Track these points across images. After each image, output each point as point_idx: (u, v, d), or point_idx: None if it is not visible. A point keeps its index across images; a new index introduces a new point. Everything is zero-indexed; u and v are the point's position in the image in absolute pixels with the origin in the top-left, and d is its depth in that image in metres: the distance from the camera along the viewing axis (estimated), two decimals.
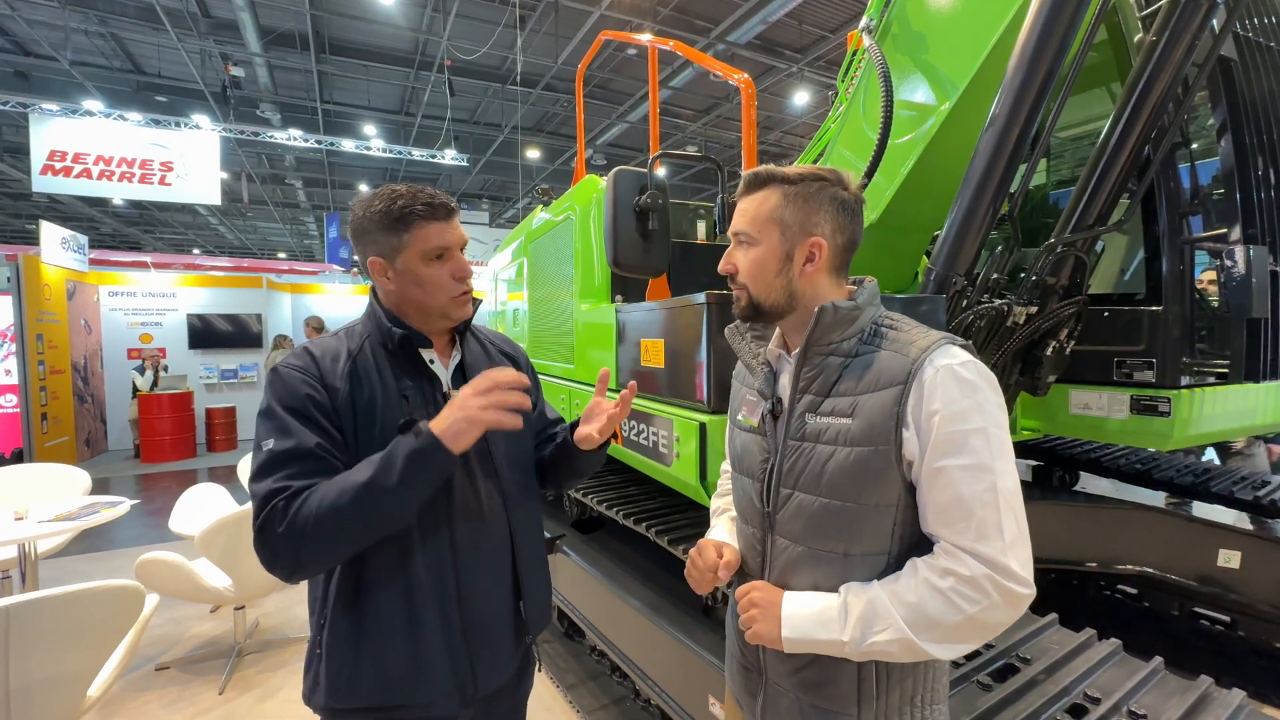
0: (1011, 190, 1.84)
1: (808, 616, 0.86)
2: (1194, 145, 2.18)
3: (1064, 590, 2.73)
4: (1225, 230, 1.97)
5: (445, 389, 1.12)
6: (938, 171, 2.06)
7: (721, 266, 1.01)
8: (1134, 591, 2.61)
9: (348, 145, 10.74)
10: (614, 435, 1.23)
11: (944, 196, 2.18)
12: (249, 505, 2.73)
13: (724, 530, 1.11)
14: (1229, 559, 2.23)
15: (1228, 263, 1.89)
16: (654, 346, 1.81)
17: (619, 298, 2.44)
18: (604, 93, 11.73)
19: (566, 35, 9.50)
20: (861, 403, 0.87)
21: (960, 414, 0.80)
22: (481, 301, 1.19)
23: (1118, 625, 1.66)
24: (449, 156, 10.97)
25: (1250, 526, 2.31)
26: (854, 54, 2.48)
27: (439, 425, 0.93)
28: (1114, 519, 2.43)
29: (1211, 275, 2.09)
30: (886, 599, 0.82)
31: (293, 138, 10.24)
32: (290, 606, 3.50)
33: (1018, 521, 0.79)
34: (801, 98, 11.55)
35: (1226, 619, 2.36)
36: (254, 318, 9.13)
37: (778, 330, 1.03)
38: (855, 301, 0.91)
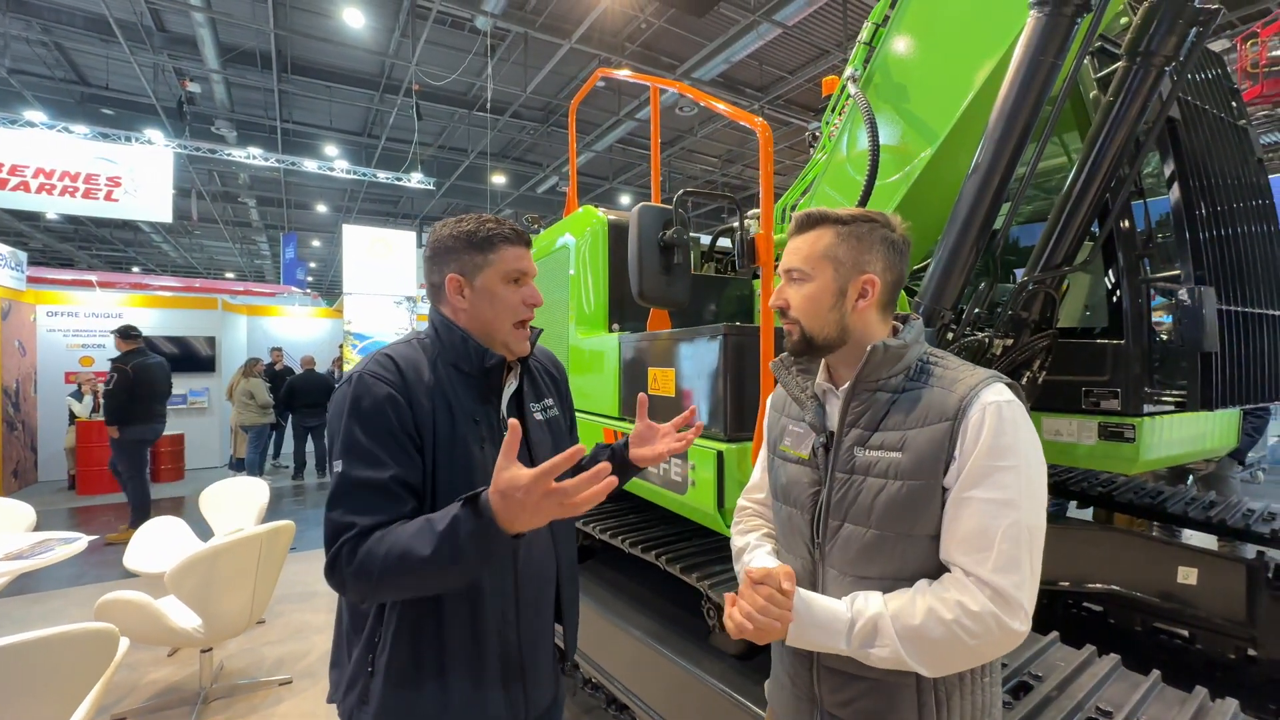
0: (995, 228, 1.98)
1: (815, 626, 0.88)
2: (1147, 195, 2.39)
3: (1035, 609, 2.85)
4: (1179, 272, 2.16)
5: (502, 415, 1.14)
6: (920, 210, 2.19)
7: (772, 302, 1.04)
8: (1099, 609, 2.75)
9: (310, 166, 10.51)
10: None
11: (926, 233, 2.32)
12: (220, 540, 2.59)
13: (767, 559, 1.07)
14: (1187, 576, 2.39)
15: (1182, 301, 2.08)
16: (664, 375, 1.85)
17: (615, 326, 2.47)
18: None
19: (536, 65, 9.66)
20: (911, 437, 0.90)
21: (999, 449, 0.84)
22: (541, 332, 1.22)
23: (1086, 641, 1.76)
24: (415, 180, 10.87)
25: (1207, 545, 2.49)
26: (838, 97, 2.62)
27: (503, 512, 0.84)
28: (1085, 539, 2.57)
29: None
30: (888, 621, 0.85)
31: (252, 156, 9.96)
32: (257, 647, 3.31)
33: (1033, 560, 0.83)
34: None
35: (1185, 633, 2.51)
36: (205, 340, 8.71)
37: (823, 364, 1.06)
38: (904, 340, 0.96)
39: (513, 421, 0.86)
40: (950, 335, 2.09)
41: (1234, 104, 2.55)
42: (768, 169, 1.54)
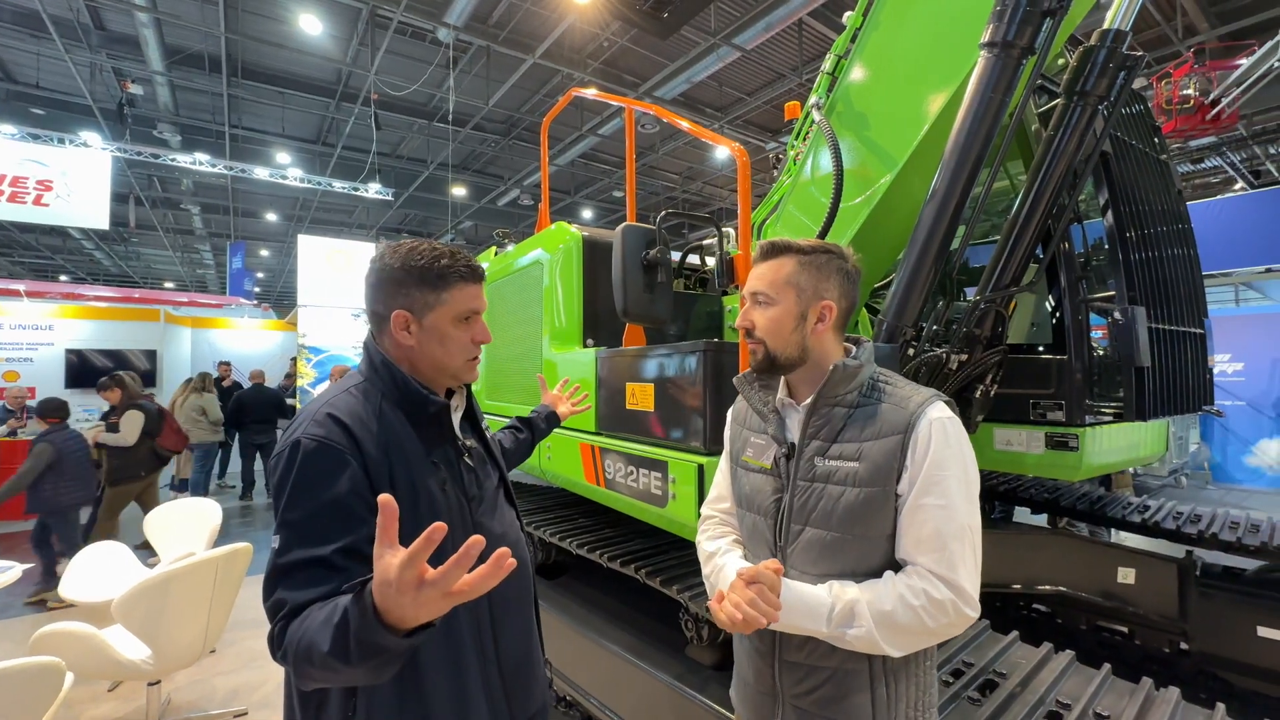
0: (951, 249, 2.10)
1: (800, 611, 0.97)
2: (1080, 220, 2.59)
3: (988, 611, 2.99)
4: (1113, 293, 2.34)
5: (460, 444, 1.12)
6: (882, 232, 2.31)
7: (738, 323, 1.13)
8: (1047, 610, 2.91)
9: (261, 173, 10.15)
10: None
11: (886, 254, 2.44)
12: (171, 565, 2.47)
13: (741, 562, 1.14)
14: (1126, 576, 2.56)
15: (1116, 320, 2.25)
16: (642, 390, 1.88)
17: (590, 341, 2.50)
18: (532, 135, 11.95)
19: (498, 79, 9.65)
20: (867, 449, 1.00)
21: (943, 461, 0.96)
22: None
23: (1036, 641, 1.87)
24: (373, 190, 10.65)
25: (1143, 546, 2.67)
26: (803, 123, 2.74)
27: (387, 608, 0.70)
28: (1034, 543, 2.73)
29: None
30: (864, 605, 0.95)
31: (199, 162, 9.56)
32: (208, 678, 3.13)
33: (975, 555, 0.96)
34: (722, 152, 12.31)
35: (1125, 629, 2.68)
36: (146, 354, 8.24)
37: (783, 381, 1.15)
38: (858, 360, 1.06)
39: (384, 499, 0.70)
40: (911, 351, 2.20)
41: (1156, 140, 2.79)
42: (745, 191, 1.61)
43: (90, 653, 2.27)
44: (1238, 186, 12.52)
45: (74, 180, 8.37)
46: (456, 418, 1.14)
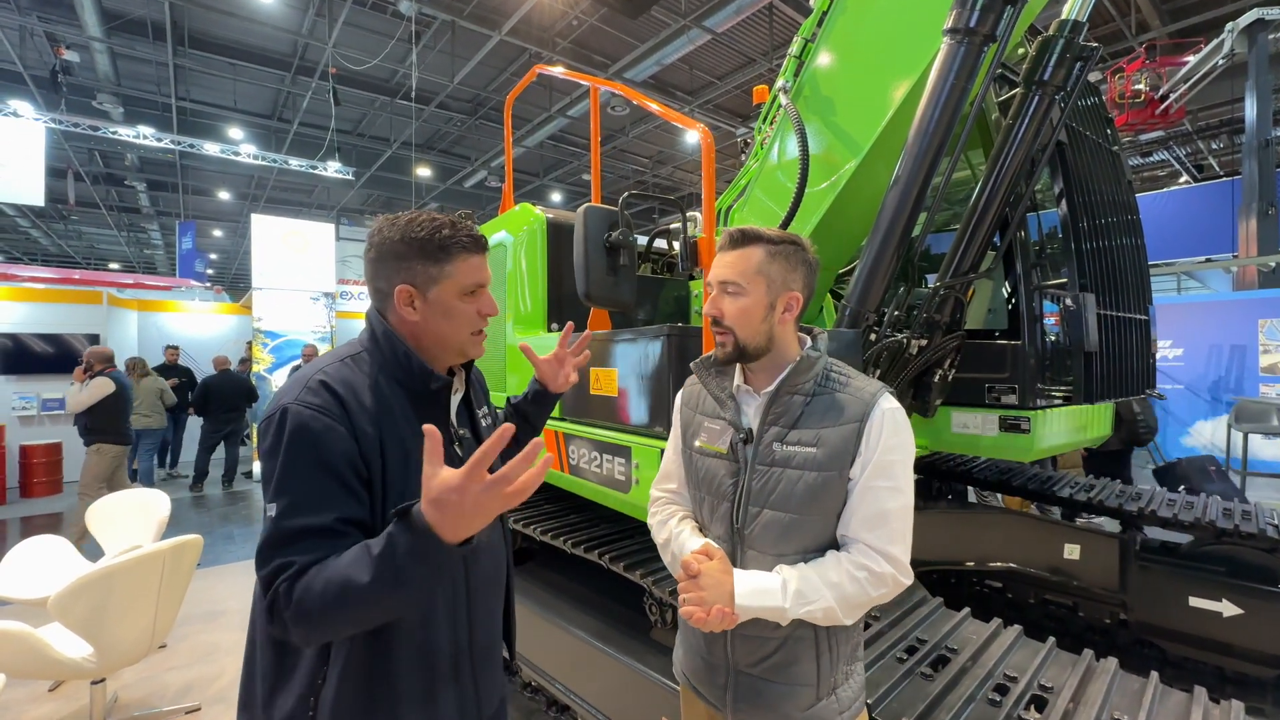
0: (913, 235, 2.13)
1: (756, 596, 1.02)
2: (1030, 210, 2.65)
3: (944, 588, 3.09)
4: (1065, 280, 2.41)
5: (453, 430, 1.09)
6: (847, 217, 2.33)
7: (707, 310, 1.14)
8: (999, 585, 3.03)
9: (212, 149, 9.68)
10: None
11: (850, 239, 2.46)
12: (115, 559, 2.36)
13: (695, 537, 1.16)
14: (1072, 552, 2.68)
15: (1068, 306, 2.32)
16: (606, 375, 1.86)
17: (554, 325, 2.46)
18: (499, 115, 11.68)
19: (464, 55, 9.38)
20: (825, 435, 1.06)
21: (892, 447, 1.04)
22: None
23: (990, 615, 1.94)
24: (333, 169, 10.26)
25: (1088, 522, 2.79)
26: (770, 106, 2.73)
27: (440, 521, 0.76)
28: (986, 522, 2.82)
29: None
30: (817, 580, 1.02)
31: (142, 136, 9.05)
32: (158, 674, 3.02)
33: (909, 529, 1.06)
34: (693, 136, 12.26)
35: (1070, 603, 2.80)
36: (88, 338, 7.83)
37: (739, 368, 1.17)
38: (818, 351, 1.12)
39: (429, 428, 0.75)
40: (873, 336, 2.23)
41: (1109, 131, 2.86)
42: (710, 174, 1.59)
43: (28, 653, 2.16)
44: (1182, 180, 13.08)
45: (5, 153, 7.85)
46: (454, 400, 1.11)
